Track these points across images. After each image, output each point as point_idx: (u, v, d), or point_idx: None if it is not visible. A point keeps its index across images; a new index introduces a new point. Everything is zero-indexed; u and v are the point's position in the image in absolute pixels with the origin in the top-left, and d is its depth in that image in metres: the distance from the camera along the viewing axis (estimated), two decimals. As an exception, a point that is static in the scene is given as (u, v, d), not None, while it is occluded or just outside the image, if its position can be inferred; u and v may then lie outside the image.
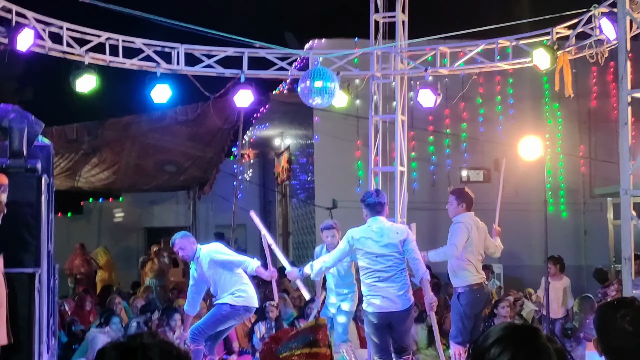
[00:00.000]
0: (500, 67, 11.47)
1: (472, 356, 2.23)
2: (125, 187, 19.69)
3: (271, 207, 22.15)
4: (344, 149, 16.14)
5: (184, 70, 10.83)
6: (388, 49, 11.35)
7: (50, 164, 7.75)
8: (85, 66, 10.05)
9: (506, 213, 16.49)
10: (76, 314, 12.08)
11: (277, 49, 11.26)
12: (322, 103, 10.47)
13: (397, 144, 11.29)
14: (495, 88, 16.57)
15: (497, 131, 16.58)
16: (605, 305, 3.21)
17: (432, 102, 11.13)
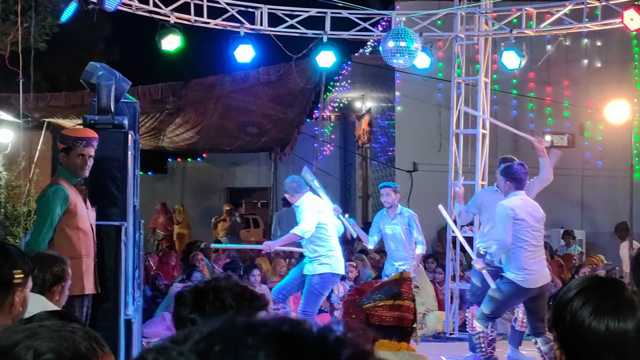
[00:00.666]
0: (589, 28, 11.17)
1: (554, 308, 2.18)
2: (208, 147, 20.00)
3: (351, 169, 22.20)
4: (426, 112, 16.03)
5: (267, 30, 10.87)
6: (472, 9, 11.18)
7: (137, 121, 7.92)
8: (170, 25, 10.20)
9: (591, 179, 16.27)
10: (160, 269, 12.40)
11: (360, 9, 11.21)
12: (404, 63, 10.39)
13: (480, 105, 11.14)
14: (582, 50, 16.18)
15: (583, 95, 16.21)
16: None
17: (516, 63, 10.94)
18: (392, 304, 2.79)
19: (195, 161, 22.32)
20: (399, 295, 2.80)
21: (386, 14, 11.74)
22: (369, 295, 2.82)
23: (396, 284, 2.81)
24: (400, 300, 2.79)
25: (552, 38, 12.66)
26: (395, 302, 2.79)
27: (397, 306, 2.79)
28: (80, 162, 6.15)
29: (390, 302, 2.79)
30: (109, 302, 6.62)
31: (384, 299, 2.79)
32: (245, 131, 17.64)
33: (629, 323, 2.07)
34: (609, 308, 2.09)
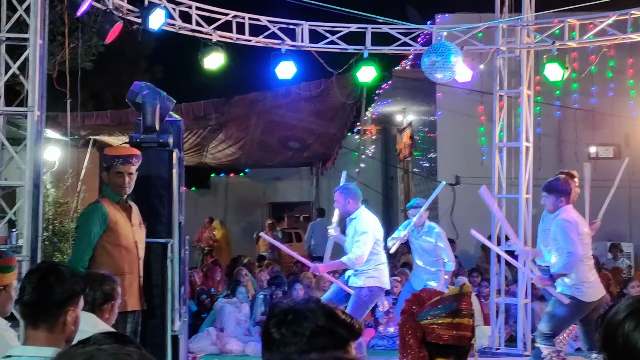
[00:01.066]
0: (633, 39, 11.04)
1: (603, 332, 2.16)
2: (250, 163, 20.14)
3: (393, 183, 22.17)
4: (467, 125, 15.98)
5: (308, 47, 10.93)
6: (514, 22, 11.13)
7: (181, 139, 8.02)
8: (213, 44, 10.31)
9: (637, 190, 16.05)
10: (205, 284, 12.49)
11: (400, 24, 11.22)
12: (445, 78, 10.38)
13: (523, 118, 11.07)
14: (627, 61, 16.01)
15: (628, 106, 16.03)
16: None
17: (559, 75, 10.85)
18: (450, 322, 2.76)
19: (237, 176, 22.48)
20: (459, 313, 2.77)
21: (426, 29, 11.74)
22: (427, 311, 2.80)
23: (456, 300, 2.79)
24: (459, 318, 2.77)
25: (595, 49, 12.54)
26: (454, 320, 2.76)
27: (456, 324, 2.76)
28: (119, 180, 6.24)
29: (449, 319, 2.76)
30: (156, 319, 6.70)
31: (442, 316, 2.77)
32: (287, 146, 17.74)
33: None
34: None
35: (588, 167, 9.14)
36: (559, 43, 10.83)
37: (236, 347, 10.60)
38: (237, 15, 10.56)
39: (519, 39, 11.10)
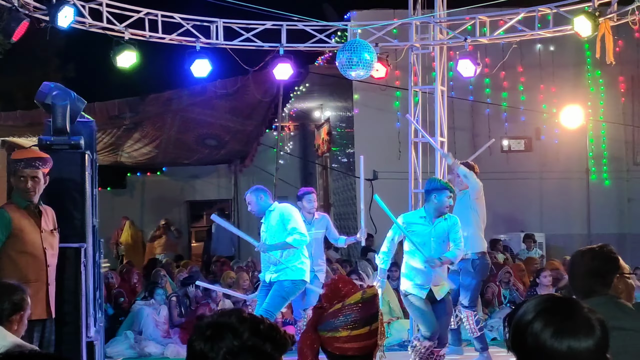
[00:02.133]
0: (541, 35, 11.33)
1: (513, 332, 2.20)
2: (167, 162, 19.90)
3: (312, 179, 22.21)
4: (384, 120, 16.12)
5: (223, 44, 10.86)
6: (427, 19, 11.27)
7: (93, 140, 7.86)
8: (125, 42, 10.14)
9: (548, 182, 16.49)
10: (122, 286, 12.28)
11: (315, 21, 11.24)
12: (360, 75, 10.44)
13: (437, 114, 11.23)
14: (536, 56, 16.39)
15: (538, 100, 16.43)
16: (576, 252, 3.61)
17: (472, 71, 11.05)
18: (348, 335, 2.69)
19: (154, 175, 22.17)
20: (358, 323, 2.71)
21: (341, 26, 11.78)
22: (328, 322, 2.73)
23: (356, 309, 2.73)
24: (358, 330, 2.70)
25: (506, 45, 12.80)
26: (353, 333, 2.70)
27: (355, 336, 2.70)
28: (22, 185, 5.98)
29: (347, 333, 2.70)
30: (70, 325, 6.55)
31: (341, 329, 2.70)
32: (204, 144, 17.60)
33: (589, 341, 2.13)
34: (570, 329, 2.13)
35: None
36: (470, 39, 11.02)
37: (155, 350, 10.46)
38: (149, 13, 10.41)
39: (431, 36, 11.25)
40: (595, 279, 3.48)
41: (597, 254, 3.54)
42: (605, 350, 2.16)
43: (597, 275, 3.48)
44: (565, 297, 2.25)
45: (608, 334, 2.18)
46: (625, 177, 16.88)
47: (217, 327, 2.11)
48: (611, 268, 3.51)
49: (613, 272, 3.50)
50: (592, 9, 10.02)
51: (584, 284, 3.50)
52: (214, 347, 2.08)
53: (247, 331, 2.09)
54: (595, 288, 3.46)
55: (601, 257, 3.52)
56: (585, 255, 3.55)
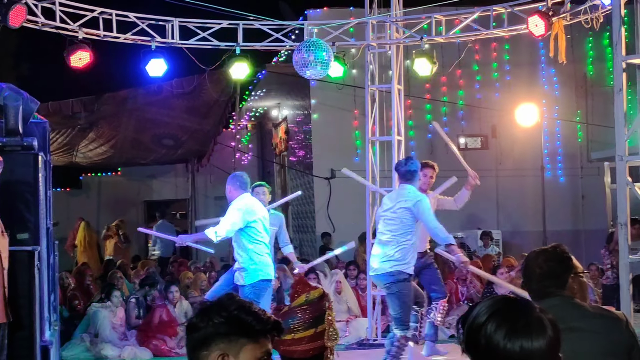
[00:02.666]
0: (496, 34, 11.43)
1: (466, 333, 2.22)
2: (123, 162, 19.70)
3: (269, 177, 22.16)
4: (342, 119, 16.14)
5: (179, 44, 10.79)
6: (383, 18, 11.30)
7: (47, 141, 7.77)
8: (79, 41, 10.01)
9: (504, 179, 16.64)
10: (77, 289, 12.13)
11: (271, 20, 11.21)
12: (317, 74, 10.43)
13: (394, 113, 11.27)
14: (492, 54, 16.54)
15: (494, 98, 16.58)
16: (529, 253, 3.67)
17: (428, 70, 11.11)
18: (292, 339, 2.71)
19: (110, 175, 21.95)
20: (303, 325, 2.72)
21: (297, 25, 11.76)
22: None
23: (300, 311, 2.73)
24: (303, 332, 2.72)
25: (462, 44, 12.89)
26: (296, 336, 2.72)
27: (300, 339, 2.71)
28: None
29: (290, 336, 2.72)
30: (24, 330, 6.46)
31: (287, 332, 2.71)
32: (161, 143, 17.46)
33: (541, 341, 2.16)
34: (522, 329, 2.15)
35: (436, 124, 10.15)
36: (427, 38, 11.08)
37: (112, 352, 10.35)
38: (104, 12, 10.30)
39: (388, 35, 11.29)
40: (549, 281, 3.49)
41: (551, 255, 3.55)
42: (557, 350, 2.19)
43: (552, 277, 3.50)
44: (518, 298, 2.28)
45: (560, 333, 2.21)
46: (579, 174, 17.11)
47: (210, 303, 2.34)
48: (565, 268, 3.53)
49: (567, 272, 3.52)
50: (545, 8, 10.14)
51: (538, 286, 3.51)
52: (204, 318, 2.28)
53: (234, 306, 2.28)
54: (550, 290, 3.47)
55: (555, 258, 3.53)
56: (539, 257, 3.56)
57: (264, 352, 2.28)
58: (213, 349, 2.25)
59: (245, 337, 2.27)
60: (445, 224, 10.00)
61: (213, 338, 2.26)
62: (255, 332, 2.27)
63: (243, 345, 2.26)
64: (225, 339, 2.25)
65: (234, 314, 2.27)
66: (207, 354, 2.26)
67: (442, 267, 11.18)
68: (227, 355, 2.25)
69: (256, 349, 2.27)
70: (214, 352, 2.25)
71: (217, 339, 2.26)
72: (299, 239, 18.26)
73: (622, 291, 7.74)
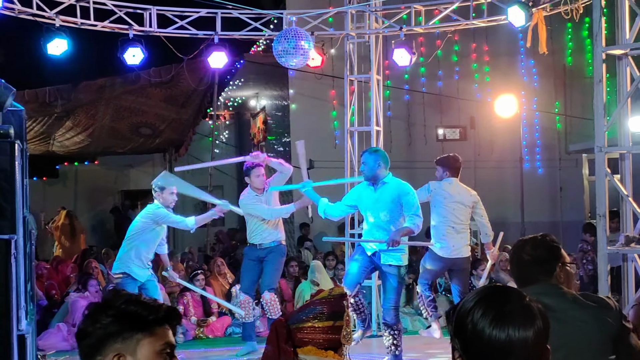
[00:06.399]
0: (476, 25, 11.43)
1: (455, 321, 2.21)
2: (100, 151, 19.54)
3: (248, 168, 22.09)
4: (320, 109, 16.12)
5: (157, 32, 10.70)
6: (362, 7, 11.27)
7: (24, 129, 7.65)
8: (56, 29, 9.90)
9: (482, 170, 16.67)
10: (55, 278, 12.04)
11: (250, 9, 11.15)
12: (296, 64, 10.39)
13: (373, 103, 11.25)
14: (471, 45, 16.55)
15: (473, 89, 16.61)
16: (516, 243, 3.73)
17: (407, 61, 11.08)
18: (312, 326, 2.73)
19: (87, 164, 21.78)
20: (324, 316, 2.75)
21: (276, 14, 11.71)
22: (296, 314, 2.77)
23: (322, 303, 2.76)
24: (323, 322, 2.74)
25: (441, 34, 12.89)
26: (316, 324, 2.74)
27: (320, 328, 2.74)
28: None
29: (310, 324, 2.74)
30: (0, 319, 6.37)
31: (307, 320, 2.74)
32: (138, 132, 17.34)
33: (529, 331, 2.13)
34: (509, 317, 2.13)
35: (301, 143, 9.53)
36: (406, 28, 11.06)
37: (89, 342, 10.27)
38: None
39: (367, 25, 11.26)
40: (537, 268, 3.51)
41: (540, 242, 3.57)
42: (545, 341, 2.17)
43: (539, 264, 3.52)
44: (506, 286, 2.26)
45: (549, 323, 2.19)
46: (557, 166, 17.19)
47: (95, 304, 2.15)
48: (553, 256, 3.55)
49: (555, 261, 3.54)
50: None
51: (527, 273, 3.54)
52: (92, 321, 2.10)
53: (121, 300, 2.10)
54: (537, 277, 3.50)
55: (544, 246, 3.56)
56: (528, 244, 3.58)
57: (163, 344, 2.11)
58: (107, 352, 2.08)
59: (139, 332, 2.09)
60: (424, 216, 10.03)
61: (105, 340, 2.08)
62: (148, 324, 2.10)
63: (139, 340, 2.08)
64: (119, 337, 2.08)
65: (121, 308, 2.09)
66: (102, 359, 2.09)
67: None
68: (124, 355, 2.07)
69: (154, 342, 2.10)
70: (108, 355, 2.08)
71: (110, 341, 2.08)
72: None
73: (601, 282, 7.78)
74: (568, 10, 9.78)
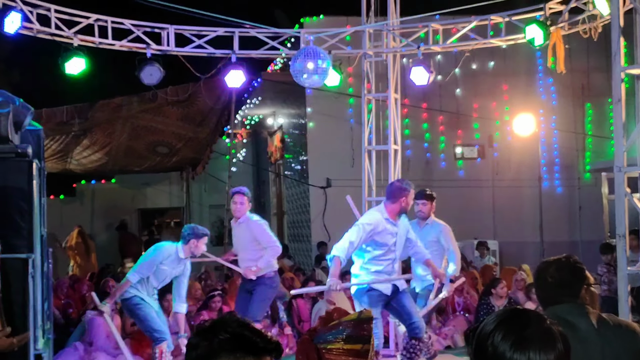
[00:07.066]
0: (493, 44, 11.38)
1: (475, 344, 2.20)
2: (117, 169, 19.60)
3: (265, 186, 22.10)
4: (337, 128, 16.10)
5: (174, 51, 10.72)
6: (380, 26, 11.25)
7: (41, 148, 7.68)
8: (74, 48, 9.94)
9: (501, 189, 16.61)
10: (72, 296, 12.04)
11: (267, 28, 11.15)
12: (315, 83, 10.37)
13: (391, 122, 11.22)
14: (489, 63, 16.51)
15: (491, 107, 16.55)
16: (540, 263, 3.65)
17: (425, 79, 11.02)
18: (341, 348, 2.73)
19: (104, 183, 21.86)
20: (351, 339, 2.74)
21: (294, 33, 11.71)
22: (323, 334, 2.76)
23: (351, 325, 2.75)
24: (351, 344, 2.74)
25: (459, 52, 12.86)
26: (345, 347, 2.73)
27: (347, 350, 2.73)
28: None
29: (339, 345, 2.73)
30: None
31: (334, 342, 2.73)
32: (155, 151, 17.38)
33: (550, 354, 2.11)
34: (530, 340, 2.11)
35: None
36: (424, 47, 11.02)
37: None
38: (99, 19, 10.23)
39: (385, 43, 11.24)
40: (561, 290, 3.46)
41: (563, 264, 3.52)
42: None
43: (564, 286, 3.46)
44: (526, 309, 2.24)
45: (570, 346, 2.16)
46: (576, 185, 17.08)
47: (211, 322, 2.32)
48: (578, 278, 3.49)
49: (580, 282, 3.48)
50: (543, 18, 10.09)
51: (551, 295, 3.48)
52: (208, 335, 2.25)
53: (237, 324, 2.26)
54: (562, 299, 3.43)
55: (567, 268, 3.50)
56: (551, 267, 3.52)
57: None
58: None
59: (250, 355, 2.23)
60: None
61: (218, 354, 2.22)
62: (259, 350, 2.24)
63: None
64: (231, 355, 2.21)
65: (238, 330, 2.25)
66: None
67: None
68: None
69: None
70: None
71: (223, 355, 2.22)
72: (294, 248, 18.18)
73: (621, 303, 7.68)
74: (586, 29, 9.73)
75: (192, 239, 8.99)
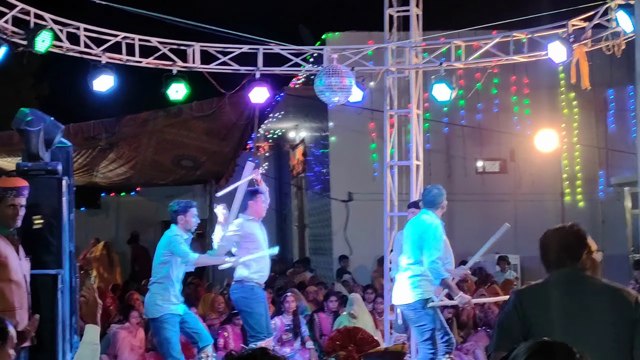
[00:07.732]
0: (516, 60, 11.43)
1: None
2: (142, 182, 19.78)
3: (287, 199, 22.21)
4: (359, 142, 16.19)
5: (200, 68, 10.88)
6: (402, 43, 11.35)
7: (70, 165, 7.83)
8: (102, 65, 10.12)
9: (523, 204, 16.59)
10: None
11: (291, 46, 11.28)
12: (338, 101, 10.47)
13: (413, 138, 11.29)
14: (511, 78, 16.55)
15: (513, 121, 16.58)
16: None
17: (447, 95, 11.07)
18: None
19: (129, 195, 22.05)
20: None
21: (317, 50, 11.83)
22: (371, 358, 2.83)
23: (394, 357, 2.81)
24: None
25: (481, 68, 12.91)
26: None
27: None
28: (11, 213, 5.96)
29: None
30: (46, 353, 6.50)
31: None
32: (180, 165, 17.53)
33: None
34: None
35: None
36: (446, 64, 11.10)
37: (130, 374, 10.37)
38: (126, 37, 10.41)
39: (407, 60, 11.32)
40: (565, 253, 3.84)
41: (567, 229, 3.94)
42: None
43: (567, 249, 3.85)
44: (556, 342, 2.27)
45: None
46: (598, 199, 17.05)
47: (243, 357, 2.36)
48: (580, 243, 3.89)
49: (581, 247, 3.87)
50: (566, 34, 10.14)
51: (556, 258, 3.86)
52: None
53: (269, 357, 2.33)
54: (565, 262, 3.82)
55: (572, 233, 3.91)
56: (558, 232, 3.93)
57: None
58: None
59: None
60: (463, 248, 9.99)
61: None
62: None
63: None
64: None
65: None
66: None
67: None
68: None
69: None
70: None
71: None
72: (315, 261, 18.26)
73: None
74: (610, 46, 9.76)
75: (180, 215, 9.14)
